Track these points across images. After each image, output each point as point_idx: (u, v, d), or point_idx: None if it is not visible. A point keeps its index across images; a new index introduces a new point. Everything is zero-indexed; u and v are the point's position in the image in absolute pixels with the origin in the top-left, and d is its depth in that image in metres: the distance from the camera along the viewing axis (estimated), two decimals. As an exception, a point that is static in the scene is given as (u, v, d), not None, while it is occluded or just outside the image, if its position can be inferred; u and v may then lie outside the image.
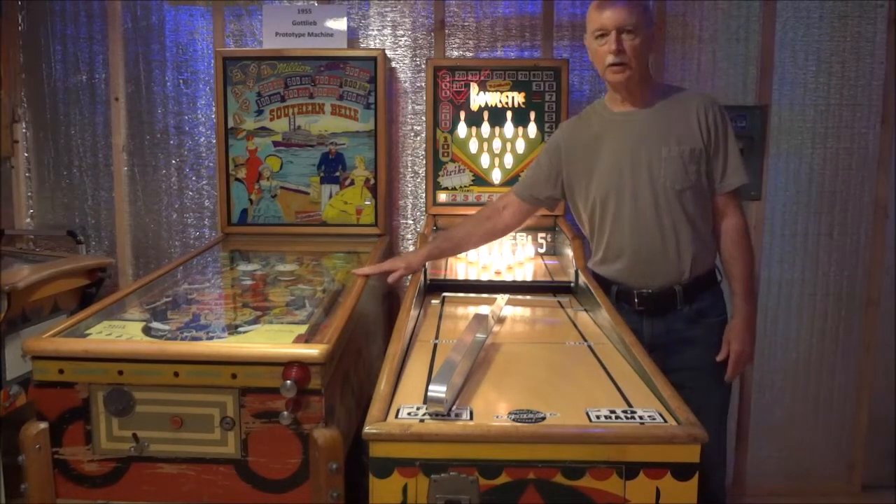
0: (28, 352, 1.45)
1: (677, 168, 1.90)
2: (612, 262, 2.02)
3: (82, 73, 2.90)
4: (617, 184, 1.95)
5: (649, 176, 1.92)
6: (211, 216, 2.93)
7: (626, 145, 1.95)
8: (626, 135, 1.96)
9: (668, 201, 1.91)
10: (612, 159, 1.96)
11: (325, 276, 2.16)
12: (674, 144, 1.91)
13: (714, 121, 1.91)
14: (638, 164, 1.93)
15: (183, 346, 1.49)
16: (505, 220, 2.14)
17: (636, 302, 1.99)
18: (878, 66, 2.78)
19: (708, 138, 1.91)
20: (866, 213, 2.85)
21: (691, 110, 1.92)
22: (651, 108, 1.96)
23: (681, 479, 1.16)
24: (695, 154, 1.90)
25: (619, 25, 1.84)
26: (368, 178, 2.66)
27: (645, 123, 1.95)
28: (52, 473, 1.46)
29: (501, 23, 2.82)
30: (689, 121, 1.92)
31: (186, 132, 2.90)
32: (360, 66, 2.64)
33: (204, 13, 2.85)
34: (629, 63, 1.86)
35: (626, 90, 1.95)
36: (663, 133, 1.92)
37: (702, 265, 1.97)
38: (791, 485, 2.94)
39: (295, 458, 1.44)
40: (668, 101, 1.96)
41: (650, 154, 1.92)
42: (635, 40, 1.85)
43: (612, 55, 1.86)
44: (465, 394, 1.34)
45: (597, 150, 2.00)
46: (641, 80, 1.93)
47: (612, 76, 1.90)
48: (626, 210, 1.95)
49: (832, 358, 2.91)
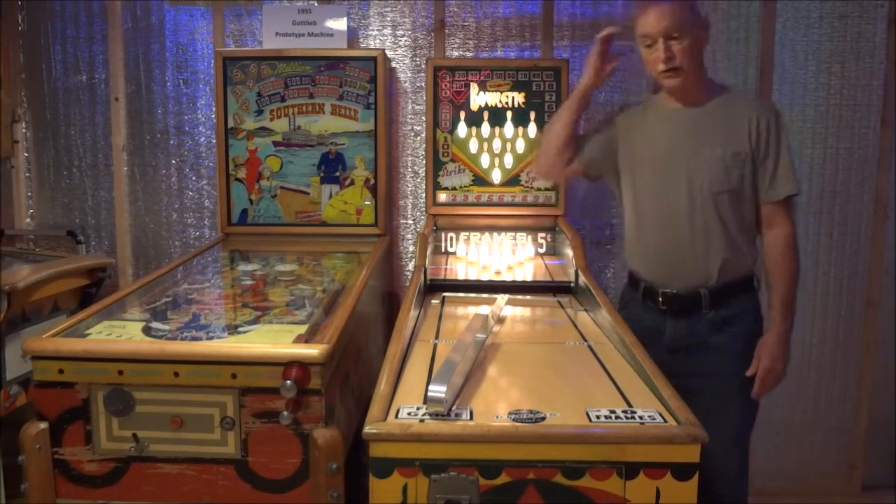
0: (28, 352, 1.45)
1: (718, 170, 1.86)
2: (640, 257, 2.02)
3: (82, 73, 2.90)
4: (655, 179, 1.94)
5: (687, 175, 1.89)
6: (211, 216, 2.93)
7: (670, 142, 1.93)
8: (673, 131, 1.94)
9: (703, 203, 1.88)
10: (655, 154, 1.95)
11: (325, 276, 2.16)
12: (717, 146, 1.87)
13: (766, 128, 1.86)
14: (678, 161, 1.90)
15: (183, 346, 1.49)
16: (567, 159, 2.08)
17: (660, 301, 1.96)
18: (878, 66, 2.78)
19: (756, 144, 1.86)
20: (866, 213, 2.85)
21: (743, 114, 1.88)
22: (701, 107, 1.93)
23: (681, 479, 1.16)
24: (738, 158, 1.86)
25: (665, 32, 1.81)
26: (368, 178, 2.66)
27: (693, 122, 1.92)
28: (52, 473, 1.46)
29: (501, 23, 2.82)
30: (739, 124, 1.87)
31: (186, 132, 2.90)
32: (360, 66, 2.64)
33: (204, 13, 2.85)
34: (682, 67, 1.83)
35: (678, 92, 1.93)
36: (709, 133, 1.89)
37: (733, 271, 1.92)
38: (791, 485, 2.94)
39: (295, 458, 1.44)
40: (721, 101, 1.92)
41: (692, 153, 1.89)
42: (683, 43, 1.82)
43: (663, 63, 1.83)
44: (465, 394, 1.34)
45: (643, 143, 1.98)
46: (696, 80, 1.90)
47: (667, 82, 1.88)
48: (661, 207, 1.93)
49: (832, 358, 2.91)
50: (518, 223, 2.67)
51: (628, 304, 2.09)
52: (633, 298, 2.06)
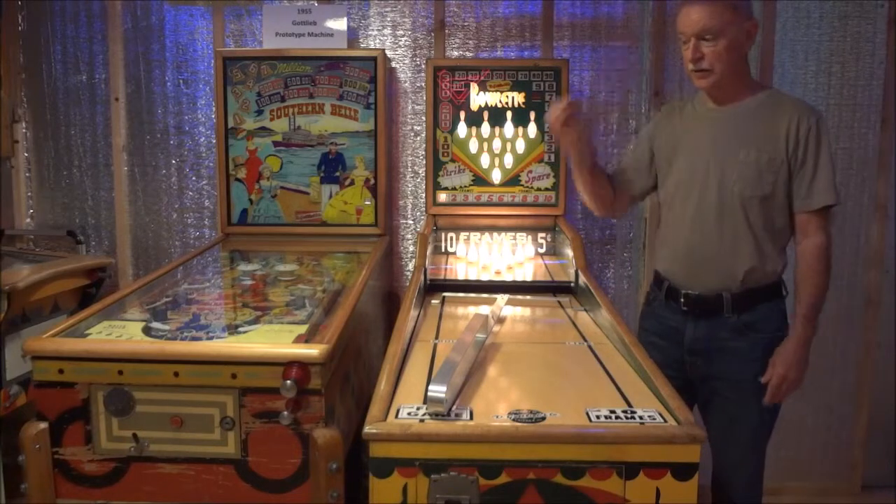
0: (28, 352, 1.45)
1: (751, 174, 1.83)
2: (666, 256, 2.01)
3: (82, 73, 2.90)
4: (688, 180, 1.92)
5: (720, 178, 1.86)
6: (211, 216, 2.93)
7: (705, 143, 1.90)
8: (708, 133, 1.91)
9: (734, 206, 1.85)
10: (690, 155, 1.93)
11: (325, 276, 2.16)
12: (753, 150, 1.83)
13: (806, 134, 1.81)
14: (712, 163, 1.87)
15: (183, 346, 1.49)
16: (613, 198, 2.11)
17: (682, 301, 1.93)
18: (878, 66, 2.78)
19: (794, 151, 1.81)
20: (866, 213, 2.85)
21: (782, 118, 1.83)
22: (738, 109, 1.89)
23: (681, 479, 1.16)
24: (774, 164, 1.82)
25: (698, 32, 1.79)
26: (368, 178, 2.66)
27: (729, 124, 1.89)
28: (52, 473, 1.46)
29: (501, 23, 2.82)
30: (777, 128, 1.82)
31: (186, 132, 2.90)
32: (360, 66, 2.64)
33: (204, 13, 2.85)
34: (712, 69, 1.81)
35: (711, 92, 1.91)
36: (745, 136, 1.85)
37: (759, 277, 1.88)
38: (791, 485, 2.94)
39: (295, 458, 1.44)
40: (760, 103, 1.88)
41: (726, 155, 1.86)
42: (717, 45, 1.78)
43: (692, 63, 1.83)
44: (465, 394, 1.34)
45: (679, 143, 1.97)
46: (730, 82, 1.85)
47: (696, 81, 1.87)
48: (690, 207, 1.91)
49: (832, 358, 2.91)
50: (518, 223, 2.67)
51: (652, 302, 2.07)
52: (657, 297, 2.04)
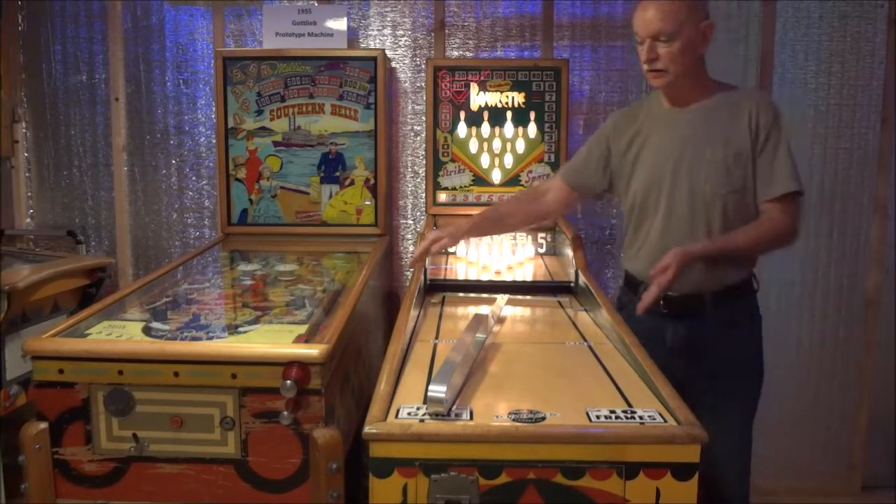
0: (28, 352, 1.45)
1: (721, 172, 1.84)
2: (641, 260, 1.98)
3: (82, 73, 2.90)
4: (656, 182, 1.91)
5: (690, 178, 1.86)
6: (211, 216, 2.93)
7: (670, 144, 1.90)
8: (672, 133, 1.91)
9: (706, 205, 1.85)
10: (655, 157, 1.92)
11: (325, 276, 2.16)
12: (719, 147, 1.84)
13: (767, 124, 1.82)
14: (680, 164, 1.87)
15: (183, 346, 1.49)
16: (547, 204, 2.09)
17: (661, 304, 1.90)
18: (878, 66, 2.78)
19: (755, 139, 1.82)
20: (866, 213, 2.85)
21: (743, 111, 1.84)
22: (700, 108, 1.89)
23: (681, 479, 1.16)
24: (741, 158, 1.83)
25: (652, 33, 1.79)
26: (368, 178, 2.66)
27: (692, 123, 1.89)
28: (52, 473, 1.46)
29: (501, 23, 2.82)
30: (740, 122, 1.83)
31: (186, 132, 2.90)
32: (360, 66, 2.64)
33: (204, 13, 2.85)
34: (666, 69, 1.81)
35: (668, 92, 1.91)
36: (710, 135, 1.86)
37: (736, 274, 1.90)
38: (791, 485, 2.94)
39: (295, 458, 1.44)
40: (720, 100, 1.89)
41: (694, 156, 1.86)
42: (672, 46, 1.78)
43: (646, 63, 1.83)
44: (465, 394, 1.33)
45: (641, 145, 1.96)
46: (686, 82, 1.86)
47: (651, 81, 1.87)
48: (662, 210, 1.90)
49: (832, 358, 2.91)
50: (518, 223, 2.67)
51: (626, 305, 2.07)
52: (632, 301, 2.04)
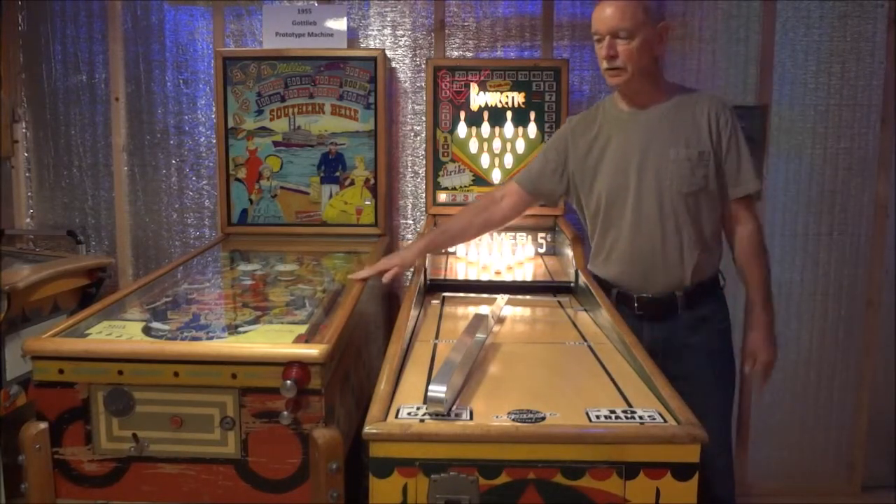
0: (28, 352, 1.45)
1: (685, 171, 1.86)
2: (612, 264, 1.99)
3: (82, 73, 2.90)
4: (621, 185, 1.92)
5: (656, 178, 1.88)
6: (211, 216, 2.93)
7: (632, 146, 1.91)
8: (633, 135, 1.92)
9: (674, 205, 1.88)
10: (618, 159, 1.93)
11: (325, 276, 2.16)
12: (682, 147, 1.86)
13: (726, 124, 1.87)
14: (644, 165, 1.89)
15: (183, 346, 1.49)
16: (503, 210, 2.09)
17: (636, 306, 1.95)
18: (878, 66, 2.78)
19: (718, 142, 1.86)
20: (866, 213, 2.85)
21: (701, 112, 1.88)
22: (659, 109, 1.91)
23: (681, 479, 1.16)
24: (703, 157, 1.86)
25: (612, 30, 1.80)
26: (368, 178, 2.66)
27: (653, 124, 1.90)
28: (52, 473, 1.46)
29: (501, 23, 2.82)
30: (699, 123, 1.87)
31: (186, 132, 2.90)
32: (360, 66, 2.64)
33: (204, 13, 2.84)
34: (624, 67, 1.82)
35: (626, 92, 1.92)
36: (671, 135, 1.88)
37: (705, 271, 1.94)
38: (791, 485, 2.94)
39: (295, 458, 1.44)
40: (678, 101, 1.91)
41: (657, 156, 1.88)
42: (631, 44, 1.80)
43: (605, 60, 1.84)
44: (465, 394, 1.34)
45: (602, 149, 1.96)
46: (644, 82, 1.88)
47: (609, 79, 1.88)
48: (629, 212, 1.92)
49: (832, 358, 2.91)
50: (518, 223, 2.65)
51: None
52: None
